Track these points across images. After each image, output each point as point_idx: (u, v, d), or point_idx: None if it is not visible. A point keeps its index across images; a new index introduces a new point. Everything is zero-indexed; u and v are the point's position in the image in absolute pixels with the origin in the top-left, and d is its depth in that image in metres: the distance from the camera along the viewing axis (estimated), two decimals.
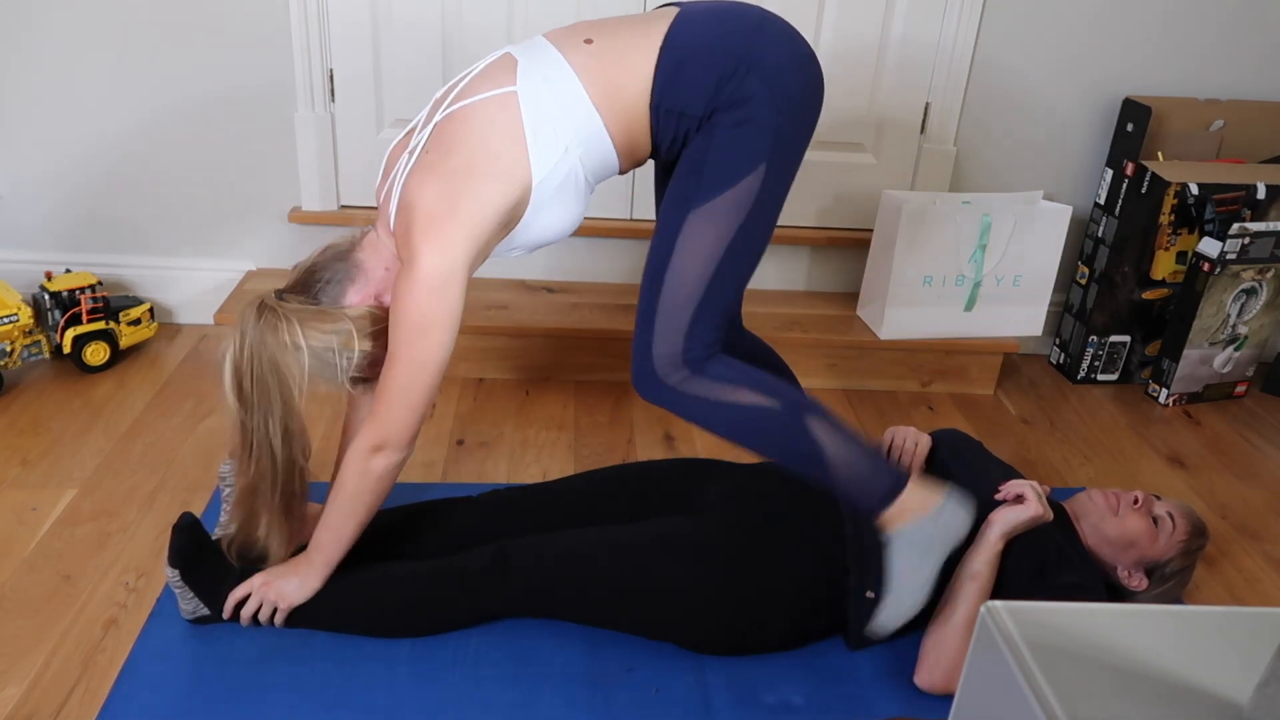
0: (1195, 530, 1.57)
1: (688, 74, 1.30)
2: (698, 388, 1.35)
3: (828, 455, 1.34)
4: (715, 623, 1.45)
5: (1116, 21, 2.32)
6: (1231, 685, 0.70)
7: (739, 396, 1.34)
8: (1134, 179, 2.29)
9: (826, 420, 1.36)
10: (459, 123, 1.32)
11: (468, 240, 1.28)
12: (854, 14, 2.28)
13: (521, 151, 1.30)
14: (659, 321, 1.34)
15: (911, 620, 1.49)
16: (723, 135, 1.31)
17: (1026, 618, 0.74)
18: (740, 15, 1.34)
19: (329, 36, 2.22)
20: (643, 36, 1.33)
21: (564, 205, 1.37)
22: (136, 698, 1.35)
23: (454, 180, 1.29)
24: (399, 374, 1.31)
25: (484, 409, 2.17)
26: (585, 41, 1.34)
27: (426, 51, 2.25)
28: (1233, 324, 2.35)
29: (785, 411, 1.35)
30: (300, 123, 2.28)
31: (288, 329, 1.30)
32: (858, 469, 1.35)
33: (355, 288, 1.37)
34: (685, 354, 1.34)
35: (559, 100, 1.31)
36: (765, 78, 1.29)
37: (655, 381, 1.36)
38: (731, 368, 1.37)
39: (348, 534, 1.41)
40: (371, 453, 1.35)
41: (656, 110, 1.32)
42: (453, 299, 1.29)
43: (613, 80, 1.32)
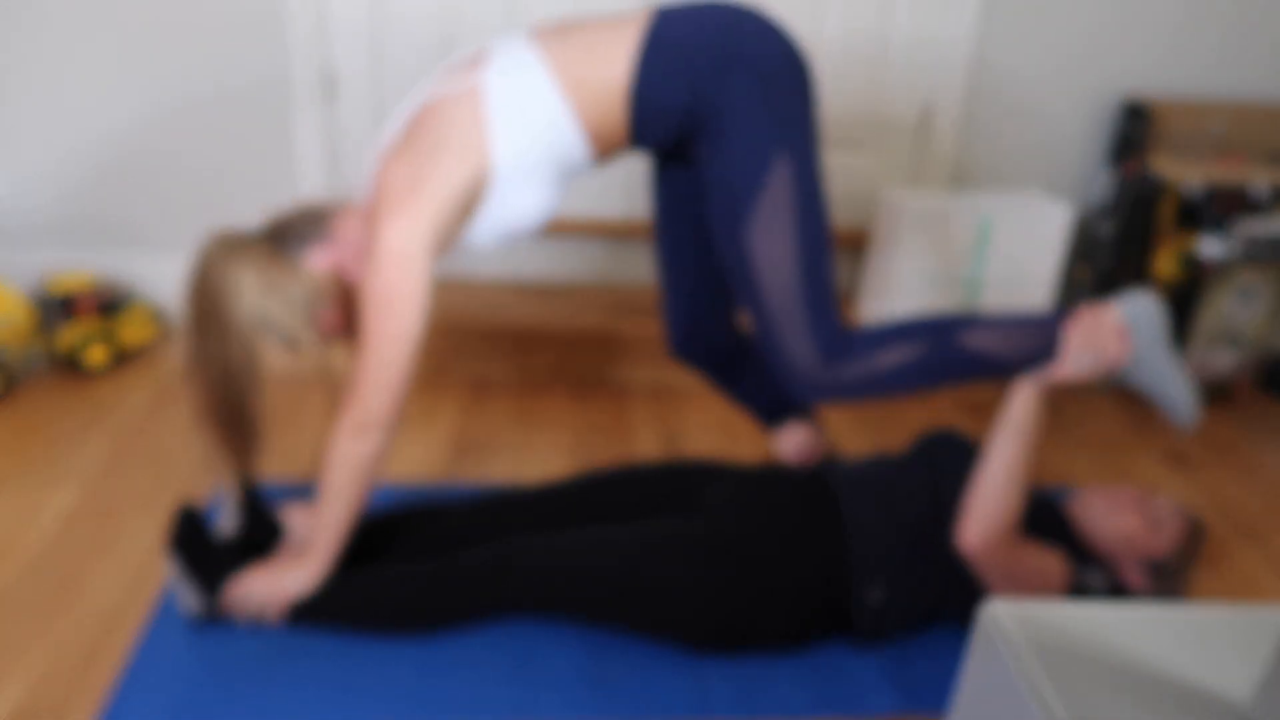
0: (1194, 529, 1.58)
1: (666, 67, 1.32)
2: (853, 371, 1.37)
3: (996, 357, 1.37)
4: (715, 622, 1.45)
5: (1117, 21, 2.32)
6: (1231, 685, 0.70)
7: (893, 359, 1.37)
8: (1134, 179, 2.29)
9: (977, 327, 1.38)
10: (430, 112, 1.36)
11: (428, 218, 1.31)
12: (854, 13, 2.28)
13: (482, 134, 1.33)
14: (783, 339, 1.37)
15: (914, 620, 1.49)
16: (730, 139, 1.32)
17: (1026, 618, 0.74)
18: (718, 8, 1.37)
19: (329, 35, 2.22)
20: (619, 28, 1.35)
21: (531, 192, 1.39)
22: (136, 698, 1.35)
23: (417, 160, 1.33)
24: (370, 352, 1.33)
25: (484, 409, 2.17)
26: (559, 33, 1.37)
27: (426, 50, 2.25)
28: (1233, 324, 2.35)
29: (939, 347, 1.38)
30: (300, 121, 2.28)
31: (238, 265, 1.33)
32: (1029, 343, 1.37)
33: (321, 250, 1.39)
34: (823, 353, 1.36)
35: (525, 87, 1.33)
36: (748, 69, 1.31)
37: (814, 387, 1.38)
38: (869, 340, 1.38)
39: (340, 525, 1.41)
40: (351, 436, 1.36)
41: (635, 97, 1.34)
42: (415, 274, 1.31)
43: (584, 69, 1.34)
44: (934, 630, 1.55)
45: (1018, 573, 1.42)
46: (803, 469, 1.59)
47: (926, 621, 1.53)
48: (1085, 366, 1.38)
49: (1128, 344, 1.37)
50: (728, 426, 2.15)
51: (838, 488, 1.51)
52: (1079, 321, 1.37)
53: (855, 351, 1.37)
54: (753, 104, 1.31)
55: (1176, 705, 0.68)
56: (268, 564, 1.46)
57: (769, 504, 1.51)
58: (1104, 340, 1.37)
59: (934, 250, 2.25)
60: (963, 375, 1.39)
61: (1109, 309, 1.39)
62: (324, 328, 1.42)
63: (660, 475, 1.63)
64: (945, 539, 1.47)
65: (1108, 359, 1.38)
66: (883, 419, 2.25)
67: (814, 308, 1.35)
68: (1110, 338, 1.37)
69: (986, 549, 1.39)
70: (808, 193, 1.34)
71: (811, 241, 1.35)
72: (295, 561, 1.45)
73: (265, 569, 1.45)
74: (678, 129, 1.36)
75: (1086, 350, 1.37)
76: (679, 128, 1.36)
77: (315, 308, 1.38)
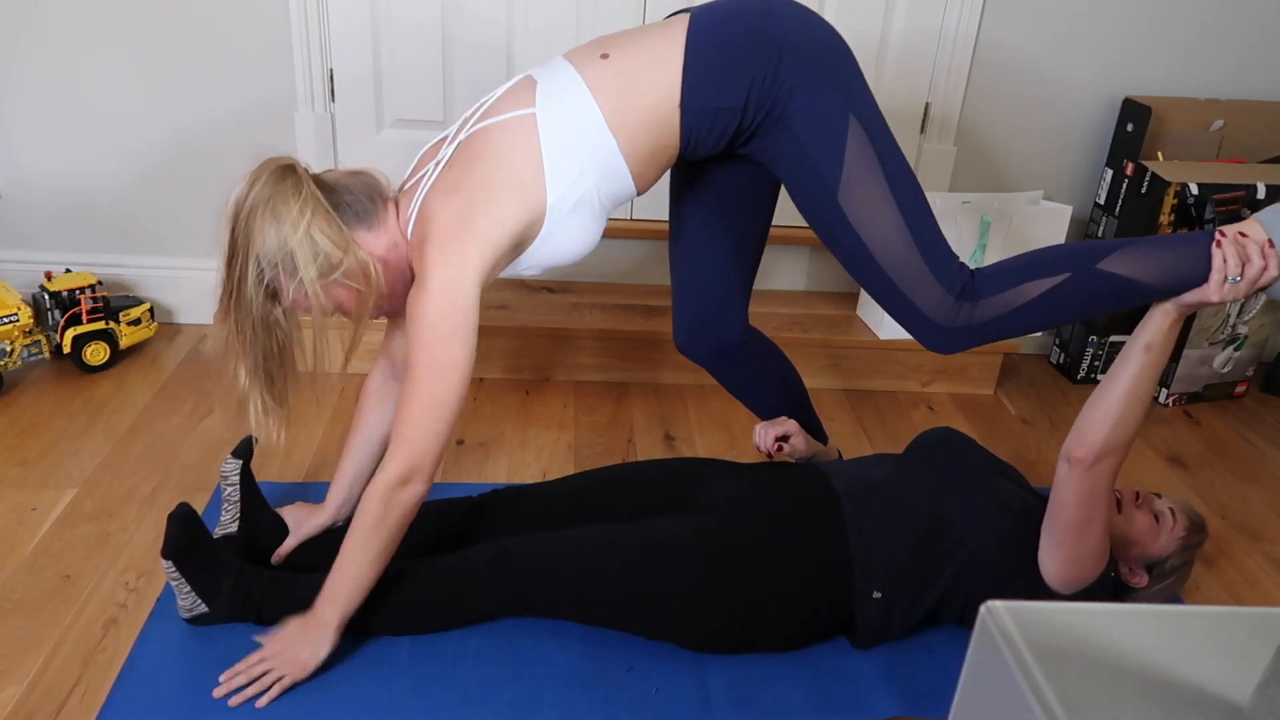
0: (1195, 526, 1.58)
1: (717, 68, 1.31)
2: (991, 309, 1.35)
3: (1141, 284, 1.32)
4: (716, 623, 1.45)
5: (1117, 21, 2.32)
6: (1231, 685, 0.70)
7: (1031, 291, 1.34)
8: (1134, 179, 2.29)
9: (1120, 253, 1.32)
10: (481, 142, 1.34)
11: (480, 257, 1.29)
12: (854, 13, 2.28)
13: (538, 173, 1.31)
14: (906, 291, 1.36)
15: (914, 622, 1.49)
16: (797, 121, 1.33)
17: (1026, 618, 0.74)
18: (749, 4, 1.36)
19: (329, 36, 2.22)
20: (660, 44, 1.34)
21: (578, 228, 1.38)
22: (136, 698, 1.35)
23: (471, 198, 1.30)
24: (423, 393, 1.27)
25: (484, 409, 2.17)
26: (602, 57, 1.35)
27: (426, 51, 2.25)
28: (1232, 324, 2.35)
29: (1081, 277, 1.33)
30: (300, 122, 2.28)
31: (297, 204, 1.28)
32: (1176, 268, 1.32)
33: (366, 232, 1.34)
34: (954, 294, 1.35)
35: (575, 120, 1.32)
36: (796, 49, 1.31)
37: (951, 333, 1.37)
38: (1001, 273, 1.36)
39: (365, 577, 1.34)
40: (399, 485, 1.29)
41: (688, 111, 1.33)
42: (465, 313, 1.28)
43: (631, 94, 1.33)
44: (934, 631, 1.55)
45: (1095, 515, 1.39)
46: (804, 468, 1.59)
47: (927, 623, 1.53)
48: (1235, 289, 1.31)
49: (1275, 260, 1.29)
50: (728, 426, 2.15)
51: (838, 488, 1.51)
52: (1225, 242, 1.30)
53: (988, 287, 1.35)
54: (812, 80, 1.32)
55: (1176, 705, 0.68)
56: (278, 636, 1.37)
57: (769, 505, 1.50)
58: (1253, 259, 1.29)
59: None
60: (1108, 304, 1.35)
61: (1254, 225, 1.31)
62: (334, 301, 1.34)
63: (660, 475, 1.63)
64: (946, 540, 1.47)
65: (1256, 278, 1.30)
66: (883, 419, 2.25)
67: (929, 251, 1.35)
68: (1259, 256, 1.29)
69: (1095, 465, 1.36)
70: (886, 145, 1.35)
71: (906, 189, 1.35)
72: (308, 631, 1.35)
73: (277, 642, 1.36)
74: (735, 131, 1.36)
75: (1235, 271, 1.29)
76: (736, 129, 1.35)
77: (337, 276, 1.31)
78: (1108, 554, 1.45)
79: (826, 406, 2.27)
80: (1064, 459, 1.39)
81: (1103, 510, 1.40)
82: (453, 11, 2.22)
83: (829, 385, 2.36)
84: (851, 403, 2.31)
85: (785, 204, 2.54)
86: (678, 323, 1.69)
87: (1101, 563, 1.44)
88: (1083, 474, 1.37)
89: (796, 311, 2.41)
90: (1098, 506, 1.39)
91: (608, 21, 2.24)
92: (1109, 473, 1.38)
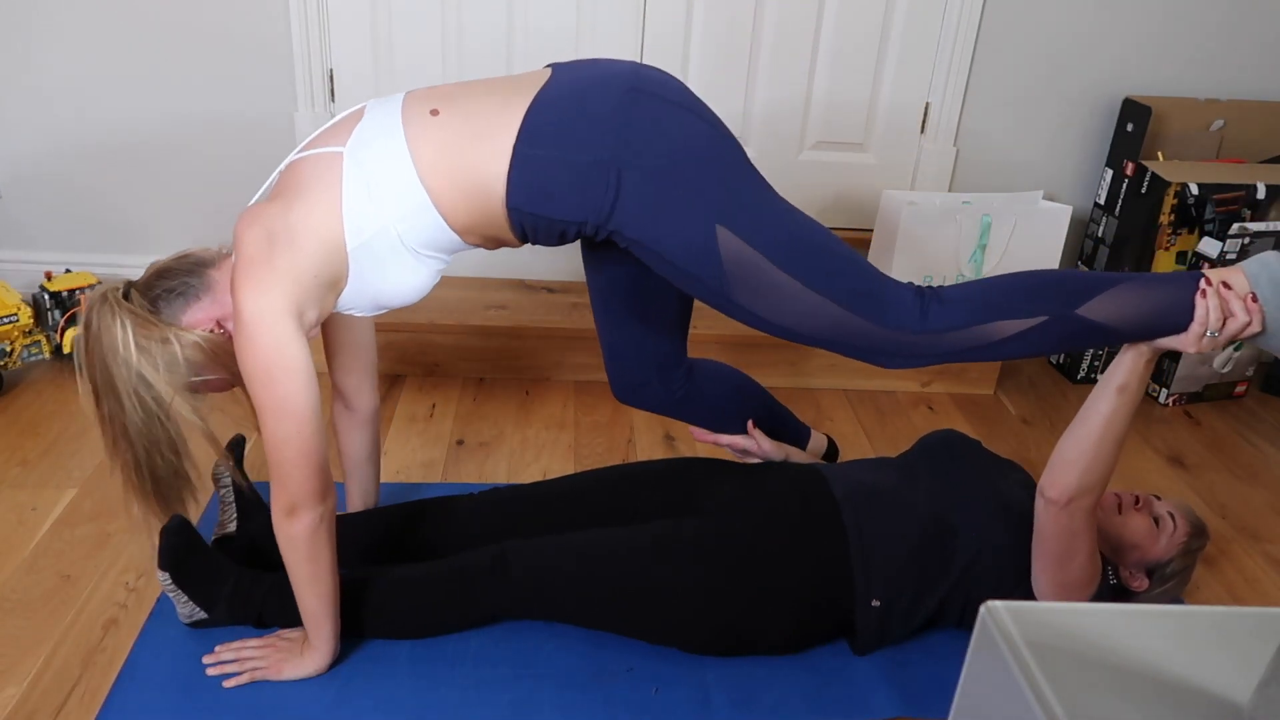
0: (1196, 530, 1.57)
1: (546, 178, 1.22)
2: (956, 341, 1.28)
3: (1118, 329, 1.27)
4: (715, 628, 1.44)
5: (1116, 21, 2.32)
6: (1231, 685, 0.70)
7: (1003, 330, 1.27)
8: (1134, 179, 2.29)
9: (1100, 296, 1.26)
10: (293, 174, 1.29)
11: (284, 292, 1.22)
12: (854, 13, 2.28)
13: (336, 214, 1.24)
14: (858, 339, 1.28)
15: (914, 627, 1.48)
16: (655, 239, 1.23)
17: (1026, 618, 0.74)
18: (606, 88, 1.23)
19: (329, 36, 2.22)
20: (495, 122, 1.23)
21: (398, 272, 1.30)
22: (136, 698, 1.35)
23: (272, 230, 1.24)
24: (268, 431, 1.24)
25: (484, 409, 2.17)
26: (431, 112, 1.26)
27: (426, 51, 2.25)
28: None
29: (1056, 319, 1.26)
30: (300, 122, 2.27)
31: (119, 328, 1.25)
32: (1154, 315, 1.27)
33: (199, 305, 1.30)
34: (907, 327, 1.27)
35: (384, 167, 1.24)
36: (640, 170, 1.20)
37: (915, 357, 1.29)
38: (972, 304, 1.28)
39: (322, 607, 1.35)
40: (287, 519, 1.28)
41: (515, 211, 1.24)
42: (282, 344, 1.21)
43: (452, 163, 1.24)
44: (934, 632, 1.55)
45: (1077, 546, 1.38)
46: (804, 472, 1.58)
47: (926, 628, 1.52)
48: (1213, 343, 1.26)
49: (1258, 316, 1.25)
50: None
51: (838, 494, 1.50)
52: (1209, 293, 1.25)
53: (957, 318, 1.27)
54: (661, 201, 1.21)
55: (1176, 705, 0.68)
56: (282, 636, 1.42)
57: (769, 509, 1.50)
58: (1235, 313, 1.25)
59: (934, 250, 2.25)
60: (1083, 346, 1.30)
61: (1238, 275, 1.27)
62: (217, 385, 1.33)
63: (660, 475, 1.63)
64: (945, 548, 1.46)
65: (1237, 333, 1.26)
66: (883, 419, 2.25)
67: (863, 308, 1.26)
68: (1241, 311, 1.25)
69: (1070, 504, 1.35)
70: (771, 237, 1.24)
71: (809, 265, 1.25)
72: (303, 648, 1.39)
73: (273, 650, 1.40)
74: (578, 235, 1.27)
75: (1215, 325, 1.25)
76: (578, 234, 1.27)
77: (197, 368, 1.29)
78: (1097, 576, 1.45)
79: (826, 406, 2.27)
80: (1040, 495, 1.39)
81: (1084, 541, 1.39)
82: (452, 11, 2.22)
83: (829, 385, 2.36)
84: (851, 403, 2.31)
85: None
86: (612, 381, 1.64)
87: (1091, 585, 1.44)
88: (1058, 512, 1.37)
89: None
90: (1079, 539, 1.39)
91: (608, 21, 2.24)
92: (1086, 510, 1.37)
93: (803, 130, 2.40)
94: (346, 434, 1.63)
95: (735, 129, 2.37)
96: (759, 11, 2.27)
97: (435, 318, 2.23)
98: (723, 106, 2.35)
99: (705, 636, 1.45)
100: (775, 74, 2.33)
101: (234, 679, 1.38)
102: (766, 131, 2.39)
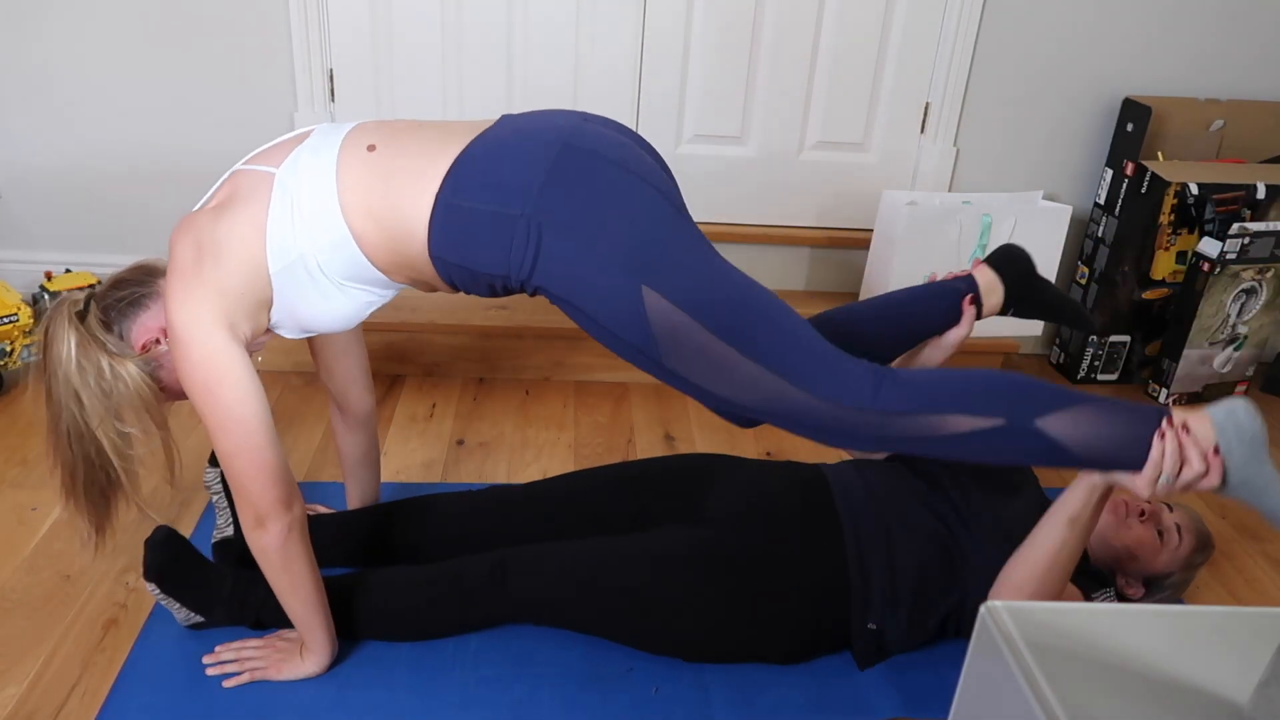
0: (1200, 544, 1.53)
1: (465, 230, 1.18)
2: (902, 427, 1.19)
3: (1071, 452, 1.19)
4: (715, 640, 1.44)
5: (1116, 21, 2.32)
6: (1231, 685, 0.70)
7: (955, 425, 1.19)
8: (1134, 179, 2.29)
9: (1061, 412, 1.18)
10: (231, 185, 1.28)
11: (211, 305, 1.20)
12: (854, 13, 2.28)
13: (260, 238, 1.22)
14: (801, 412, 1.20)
15: (921, 639, 1.48)
16: (580, 299, 1.18)
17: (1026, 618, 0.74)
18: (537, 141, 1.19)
19: (329, 36, 2.22)
20: (424, 166, 1.20)
21: (318, 300, 1.26)
22: (136, 698, 1.35)
23: (202, 241, 1.22)
24: (218, 445, 1.24)
25: (484, 409, 2.17)
26: (368, 148, 1.24)
27: (426, 51, 2.25)
28: (1232, 324, 2.35)
29: (1012, 426, 1.19)
30: (300, 122, 2.27)
31: (64, 343, 1.25)
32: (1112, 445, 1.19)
33: (147, 314, 1.30)
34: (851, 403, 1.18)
35: (307, 197, 1.22)
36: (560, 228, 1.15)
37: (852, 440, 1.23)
38: (926, 392, 1.20)
39: (309, 613, 1.35)
40: (255, 531, 1.27)
41: (438, 260, 1.21)
42: (215, 355, 1.20)
43: (376, 202, 1.21)
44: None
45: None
46: (810, 478, 1.54)
47: (927, 644, 1.51)
48: (1166, 489, 1.18)
49: (1218, 469, 1.17)
50: (727, 426, 2.15)
51: (841, 508, 1.47)
52: (1169, 436, 1.17)
53: (909, 402, 1.19)
54: (584, 259, 1.16)
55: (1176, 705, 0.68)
56: (274, 644, 1.42)
57: (772, 511, 1.49)
58: (1192, 463, 1.17)
59: (934, 250, 2.25)
60: (1033, 462, 1.22)
61: (1204, 422, 1.18)
62: (171, 393, 1.33)
63: (662, 474, 1.61)
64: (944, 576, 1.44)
65: (1191, 483, 1.18)
66: None
67: (800, 374, 1.18)
68: (1199, 461, 1.17)
69: None
70: (703, 291, 1.17)
71: (747, 327, 1.18)
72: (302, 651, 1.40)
73: (273, 650, 1.41)
74: (506, 291, 1.24)
75: (1170, 473, 1.17)
76: (505, 288, 1.23)
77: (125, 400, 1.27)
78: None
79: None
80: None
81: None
82: (452, 11, 2.22)
83: None
84: None
85: (775, 203, 2.53)
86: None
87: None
88: None
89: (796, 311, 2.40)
90: None
91: (608, 22, 2.24)
92: None
93: (803, 130, 2.40)
94: (341, 436, 1.63)
95: (735, 129, 2.38)
96: (759, 11, 2.27)
97: (435, 318, 2.23)
98: (722, 106, 2.35)
99: (706, 650, 1.45)
100: (775, 74, 2.33)
101: (234, 679, 1.38)
102: (766, 131, 2.39)
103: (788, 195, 2.45)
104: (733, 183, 2.43)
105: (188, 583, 1.43)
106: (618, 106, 2.33)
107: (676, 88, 2.33)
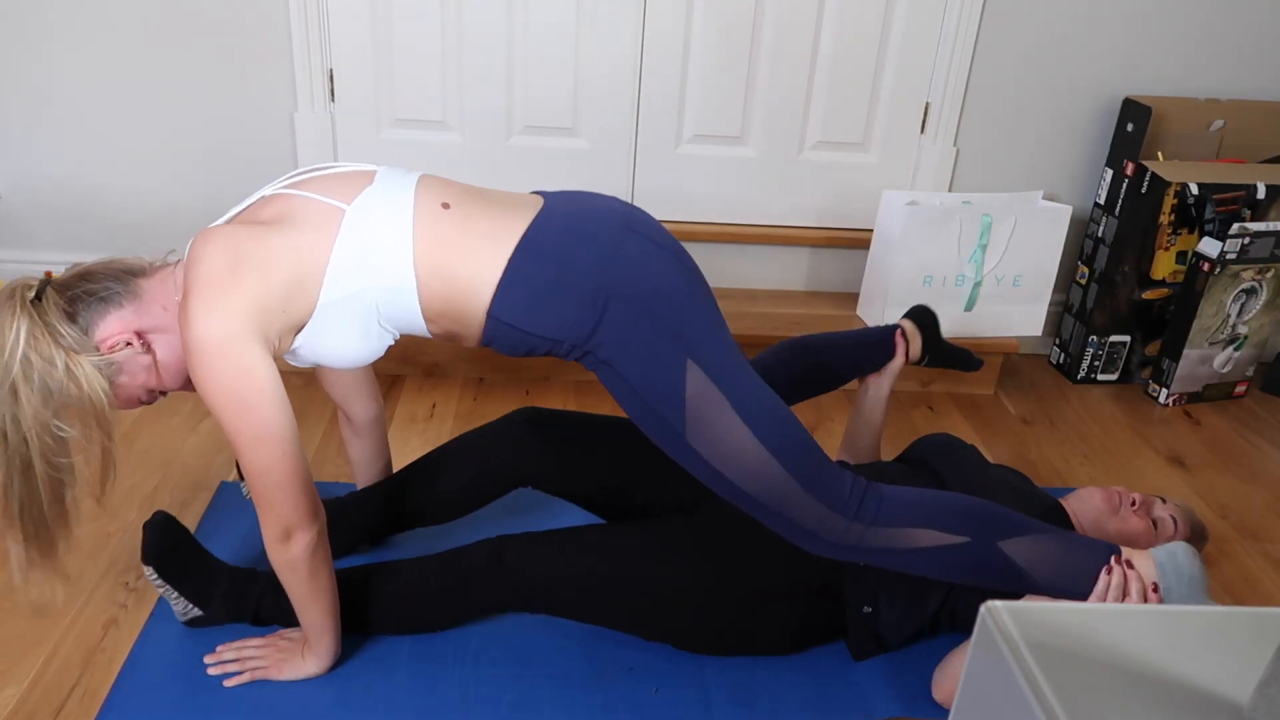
0: (1195, 534, 1.56)
1: (534, 294, 1.22)
2: (881, 539, 1.29)
3: (1028, 576, 1.30)
4: (712, 626, 1.44)
5: (1116, 21, 2.32)
6: (1231, 685, 0.70)
7: (925, 539, 1.29)
8: (1134, 179, 2.29)
9: (1021, 537, 1.30)
10: (284, 203, 1.25)
11: (249, 318, 1.17)
12: (854, 13, 2.28)
13: (321, 266, 1.21)
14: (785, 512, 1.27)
15: (917, 631, 1.48)
16: (625, 368, 1.24)
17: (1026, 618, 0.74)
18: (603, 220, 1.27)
19: (329, 36, 2.22)
20: (498, 231, 1.24)
21: (355, 337, 1.26)
22: (136, 698, 1.35)
23: (244, 254, 1.19)
24: (247, 460, 1.21)
25: (484, 409, 2.17)
26: (443, 205, 1.26)
27: (427, 51, 2.25)
28: (1232, 324, 2.35)
29: (979, 546, 1.30)
30: (300, 122, 2.28)
31: (11, 329, 1.18)
32: (1065, 573, 1.30)
33: (119, 314, 1.24)
34: (839, 513, 1.28)
35: (382, 241, 1.22)
36: (626, 300, 1.22)
37: (835, 548, 1.30)
38: (906, 506, 1.30)
39: (323, 614, 1.35)
40: (282, 544, 1.25)
41: (493, 319, 1.24)
42: (249, 368, 1.17)
43: (447, 258, 1.23)
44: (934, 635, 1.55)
45: None
46: None
47: (924, 635, 1.52)
48: None
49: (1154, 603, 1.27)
50: None
51: None
52: (1115, 573, 1.28)
53: (889, 516, 1.29)
54: (641, 330, 1.23)
55: (1176, 705, 0.68)
56: (275, 643, 1.42)
57: None
58: (1133, 597, 1.28)
59: (934, 250, 2.25)
60: (991, 582, 1.31)
61: (1146, 561, 1.30)
62: (124, 400, 1.27)
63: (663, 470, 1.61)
64: None
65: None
66: None
67: (808, 482, 1.26)
68: (1138, 596, 1.28)
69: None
70: (736, 384, 1.25)
71: (767, 426, 1.25)
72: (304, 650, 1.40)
73: (274, 650, 1.41)
74: (546, 353, 1.28)
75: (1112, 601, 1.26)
76: (547, 352, 1.27)
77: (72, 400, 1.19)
78: None
79: (826, 406, 2.27)
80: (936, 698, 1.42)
81: None
82: (452, 11, 2.22)
83: None
84: (852, 402, 2.31)
85: (775, 203, 2.54)
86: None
87: None
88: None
89: (796, 311, 2.41)
90: None
91: (608, 21, 2.24)
92: None
93: (803, 130, 2.40)
94: (349, 443, 1.63)
95: (735, 129, 2.38)
96: (759, 11, 2.27)
97: None
98: (722, 106, 2.35)
99: (704, 636, 1.45)
100: (775, 74, 2.33)
101: (235, 678, 1.38)
102: (766, 131, 2.39)
103: (788, 195, 2.45)
104: (733, 183, 2.43)
105: (186, 569, 1.43)
106: (618, 106, 2.33)
107: (676, 88, 2.33)
